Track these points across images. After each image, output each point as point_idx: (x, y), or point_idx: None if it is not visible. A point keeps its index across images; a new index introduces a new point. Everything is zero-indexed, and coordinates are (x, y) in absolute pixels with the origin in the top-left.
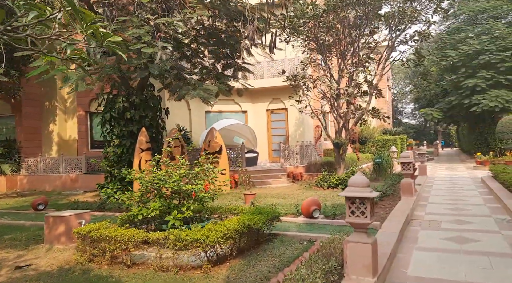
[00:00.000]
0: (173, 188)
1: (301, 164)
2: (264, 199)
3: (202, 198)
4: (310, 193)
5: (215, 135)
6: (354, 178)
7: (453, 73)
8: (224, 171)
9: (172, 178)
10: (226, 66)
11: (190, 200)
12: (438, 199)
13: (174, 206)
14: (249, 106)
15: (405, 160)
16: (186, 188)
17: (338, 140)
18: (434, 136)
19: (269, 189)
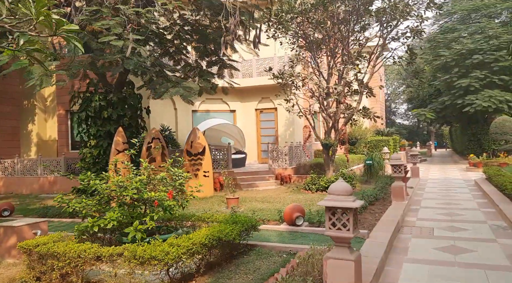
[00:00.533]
0: (133, 196)
1: (290, 166)
2: (248, 203)
3: (168, 207)
4: (297, 197)
5: (198, 136)
6: (335, 185)
7: (446, 72)
8: (208, 173)
9: (132, 185)
10: (211, 63)
11: (156, 209)
12: (430, 203)
13: (138, 215)
14: (237, 106)
15: (396, 162)
16: (148, 196)
17: (327, 141)
18: (427, 136)
19: (255, 192)
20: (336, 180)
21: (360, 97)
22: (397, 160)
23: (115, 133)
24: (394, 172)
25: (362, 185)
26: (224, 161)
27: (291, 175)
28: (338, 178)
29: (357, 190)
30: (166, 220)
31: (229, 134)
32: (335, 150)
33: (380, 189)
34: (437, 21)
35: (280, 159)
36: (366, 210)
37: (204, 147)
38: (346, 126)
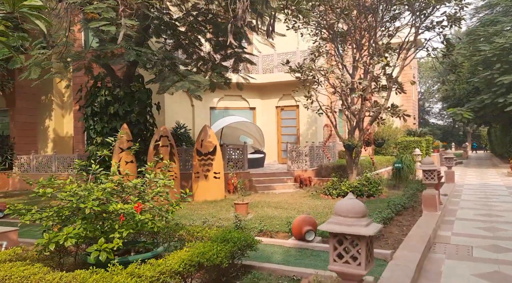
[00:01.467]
0: (94, 209)
1: (310, 167)
2: (259, 209)
3: (140, 222)
4: (315, 203)
5: (208, 134)
6: (344, 203)
7: (486, 69)
8: (218, 175)
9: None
10: (225, 57)
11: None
12: (468, 214)
13: (108, 230)
14: (257, 103)
15: (428, 167)
16: (113, 208)
17: (349, 141)
18: (463, 137)
19: (271, 195)
20: (360, 185)
21: (388, 93)
22: (429, 165)
23: None
24: (426, 178)
25: (390, 190)
26: (240, 162)
27: (311, 178)
28: (363, 182)
29: (384, 196)
30: (151, 233)
31: (247, 132)
32: (359, 152)
33: (410, 196)
34: (477, 14)
35: (300, 160)
36: (392, 221)
37: (215, 146)
38: (372, 126)
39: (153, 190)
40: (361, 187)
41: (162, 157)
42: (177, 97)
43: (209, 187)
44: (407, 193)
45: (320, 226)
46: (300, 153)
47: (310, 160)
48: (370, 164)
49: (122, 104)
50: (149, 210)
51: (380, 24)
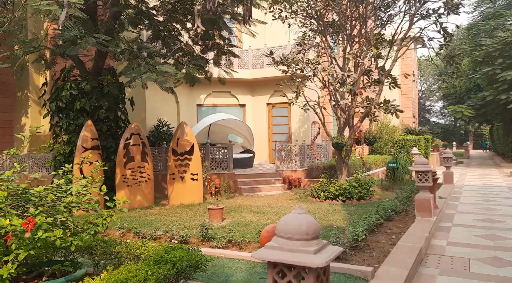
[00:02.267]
0: None
1: (300, 168)
2: (238, 214)
3: (41, 241)
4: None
5: (185, 131)
6: (288, 220)
7: (488, 64)
8: (196, 176)
9: None
10: (206, 48)
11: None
12: (466, 219)
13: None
14: (247, 99)
15: (422, 167)
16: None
17: (338, 140)
18: (464, 136)
19: (255, 198)
20: (349, 186)
21: (380, 87)
22: (422, 165)
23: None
24: (419, 180)
25: (383, 192)
26: (225, 162)
27: (301, 179)
28: (352, 184)
29: (375, 199)
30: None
31: (236, 131)
32: (349, 151)
33: (403, 199)
34: (478, 7)
35: (289, 160)
36: (381, 228)
37: (193, 145)
38: (362, 123)
39: (73, 198)
40: (351, 189)
41: (133, 157)
42: (160, 92)
43: (185, 189)
44: (401, 196)
45: (254, 253)
46: (290, 153)
47: (300, 160)
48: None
49: (90, 99)
50: (68, 224)
51: (372, 13)
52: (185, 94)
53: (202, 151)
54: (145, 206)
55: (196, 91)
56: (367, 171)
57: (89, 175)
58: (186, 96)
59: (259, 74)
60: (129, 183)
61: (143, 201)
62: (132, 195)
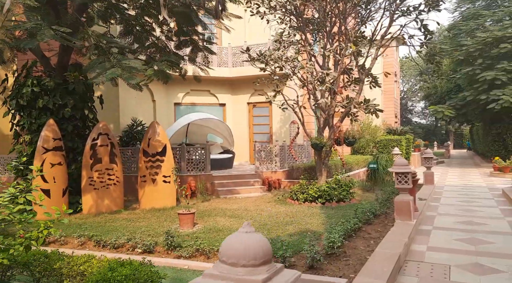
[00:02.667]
0: None
1: (281, 169)
2: (211, 218)
3: None
4: (278, 210)
5: (157, 131)
6: (232, 241)
7: (469, 64)
8: (169, 178)
9: None
10: (180, 44)
11: None
12: (447, 221)
13: None
14: (227, 99)
15: (401, 169)
16: None
17: (317, 140)
18: (445, 136)
19: (232, 201)
20: (329, 188)
21: (360, 86)
22: (402, 167)
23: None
24: (399, 182)
25: (364, 193)
26: (202, 163)
27: (281, 180)
28: (332, 186)
29: (356, 201)
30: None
31: (216, 130)
32: (329, 152)
33: (383, 201)
34: (459, 8)
35: (269, 160)
36: (359, 233)
37: (165, 146)
38: (342, 123)
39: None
40: (330, 191)
41: (101, 158)
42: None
43: (157, 192)
44: (380, 198)
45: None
46: (270, 153)
47: (280, 161)
48: (348, 164)
49: (53, 96)
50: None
51: (352, 10)
52: (162, 92)
53: (178, 152)
54: (113, 211)
55: (173, 90)
56: (348, 172)
57: (51, 178)
58: (163, 94)
59: (239, 72)
60: (96, 186)
61: (111, 205)
62: (99, 199)
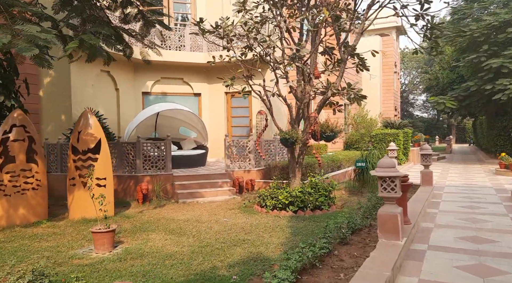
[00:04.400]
0: None
1: (256, 167)
2: (144, 235)
3: None
4: (237, 221)
5: (90, 123)
6: None
7: (473, 51)
8: (104, 182)
9: None
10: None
11: None
12: (446, 236)
13: None
14: (203, 88)
15: (386, 172)
16: None
17: (286, 134)
18: (447, 130)
19: (191, 206)
20: (302, 193)
21: (341, 68)
22: (387, 170)
23: None
24: (384, 189)
25: (350, 197)
26: (161, 161)
27: (254, 181)
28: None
29: (336, 208)
30: None
31: (189, 123)
32: (303, 148)
33: (368, 209)
34: None
35: (242, 158)
36: (329, 259)
37: (100, 141)
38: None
39: None
40: (304, 197)
41: (14, 156)
42: (93, 76)
43: (89, 199)
44: (365, 205)
45: None
46: (243, 149)
47: (256, 158)
48: (334, 162)
49: None
50: None
51: None
52: (128, 80)
53: (133, 148)
54: (31, 222)
55: (141, 77)
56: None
57: None
58: (128, 82)
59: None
60: (7, 192)
61: (28, 215)
62: (12, 208)
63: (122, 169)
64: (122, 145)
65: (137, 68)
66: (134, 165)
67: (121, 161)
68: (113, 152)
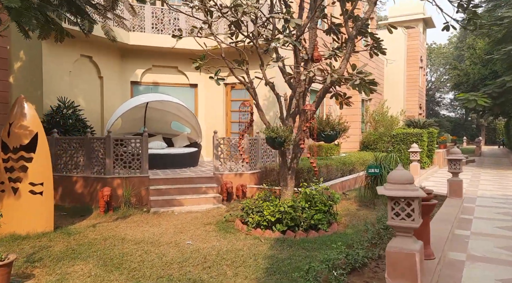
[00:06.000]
0: None
1: (250, 170)
2: (68, 267)
3: None
4: (204, 245)
5: (25, 113)
6: None
7: (509, 43)
8: (41, 187)
9: None
10: None
11: None
12: (485, 274)
13: None
14: (200, 78)
15: (399, 191)
16: None
17: (273, 132)
18: (476, 131)
19: (161, 218)
20: (292, 208)
21: (348, 47)
22: (400, 187)
23: None
24: (395, 215)
25: (359, 210)
26: (136, 161)
27: (245, 186)
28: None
29: (338, 228)
30: None
31: (182, 118)
32: (298, 151)
33: (378, 234)
34: None
35: (234, 159)
36: None
37: (36, 136)
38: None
39: None
40: (295, 213)
41: None
42: (71, 62)
43: (21, 209)
44: (372, 229)
45: None
46: (233, 148)
47: (250, 159)
48: (345, 165)
49: None
50: None
51: None
52: (114, 67)
53: (103, 144)
54: None
55: (130, 64)
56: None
57: None
58: (114, 69)
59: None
60: None
61: None
62: None
63: (90, 170)
64: (91, 141)
65: (125, 54)
66: (104, 165)
67: (89, 160)
68: (81, 149)
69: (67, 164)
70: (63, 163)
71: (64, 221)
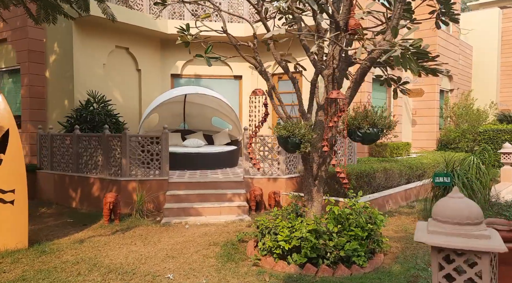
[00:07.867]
0: None
1: (286, 174)
2: None
3: None
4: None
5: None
6: None
7: None
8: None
9: None
10: None
11: None
12: None
13: None
14: (245, 69)
15: (453, 239)
16: None
17: (284, 130)
18: None
19: (165, 233)
20: (315, 232)
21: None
22: (457, 229)
23: None
24: (447, 277)
25: None
26: (155, 161)
27: (278, 194)
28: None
29: (381, 260)
30: None
31: (222, 113)
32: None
33: None
34: None
35: (269, 160)
36: None
37: (7, 133)
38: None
39: None
40: (317, 240)
41: None
42: (105, 54)
43: None
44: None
45: None
46: (270, 149)
47: (286, 162)
48: (411, 170)
49: None
50: None
51: None
52: (153, 59)
53: (119, 142)
54: None
55: (170, 56)
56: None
57: None
58: (153, 62)
59: (260, 30)
60: None
61: None
62: None
63: (108, 171)
64: (108, 138)
65: (165, 45)
66: (121, 166)
67: (107, 160)
68: (100, 148)
69: (87, 164)
70: (84, 162)
71: (58, 232)
